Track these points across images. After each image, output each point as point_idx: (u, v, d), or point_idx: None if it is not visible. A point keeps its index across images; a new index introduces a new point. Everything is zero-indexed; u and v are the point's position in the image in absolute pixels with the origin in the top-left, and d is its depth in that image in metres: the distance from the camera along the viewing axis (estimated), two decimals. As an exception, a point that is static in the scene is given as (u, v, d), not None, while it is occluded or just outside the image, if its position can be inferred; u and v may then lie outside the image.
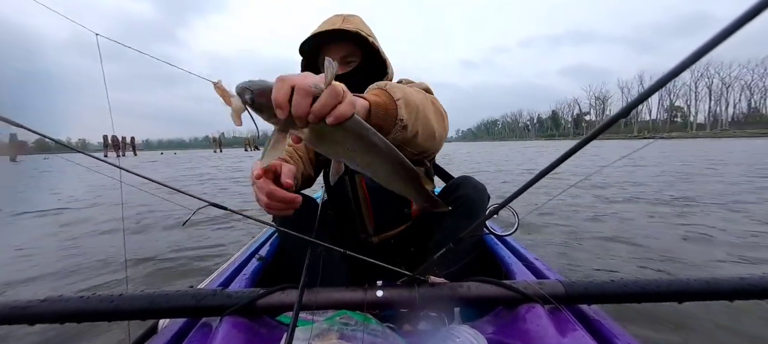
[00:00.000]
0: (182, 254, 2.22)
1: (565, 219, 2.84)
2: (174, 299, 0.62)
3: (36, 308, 0.58)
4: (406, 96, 0.62)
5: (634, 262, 1.88)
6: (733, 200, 3.38)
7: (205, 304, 0.63)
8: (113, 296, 0.61)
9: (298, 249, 0.87)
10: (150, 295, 0.62)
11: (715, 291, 0.64)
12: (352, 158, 0.47)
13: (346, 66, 0.99)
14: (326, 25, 0.97)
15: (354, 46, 0.99)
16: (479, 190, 0.94)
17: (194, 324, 0.67)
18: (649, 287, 0.65)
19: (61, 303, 0.59)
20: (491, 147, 28.97)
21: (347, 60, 1.00)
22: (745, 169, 6.07)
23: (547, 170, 0.47)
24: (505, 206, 0.61)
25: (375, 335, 0.58)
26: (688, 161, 7.93)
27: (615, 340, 0.59)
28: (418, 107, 0.65)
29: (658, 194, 3.85)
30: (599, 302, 0.66)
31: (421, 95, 0.70)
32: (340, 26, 0.94)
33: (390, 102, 0.59)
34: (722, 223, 2.56)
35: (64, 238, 2.71)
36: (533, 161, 10.38)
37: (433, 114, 0.72)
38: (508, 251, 1.07)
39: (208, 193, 5.06)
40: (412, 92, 0.66)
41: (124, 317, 0.61)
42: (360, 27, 0.97)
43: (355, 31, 0.94)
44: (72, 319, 0.59)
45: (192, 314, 0.65)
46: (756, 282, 0.64)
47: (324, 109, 0.41)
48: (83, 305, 0.59)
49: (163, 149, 78.02)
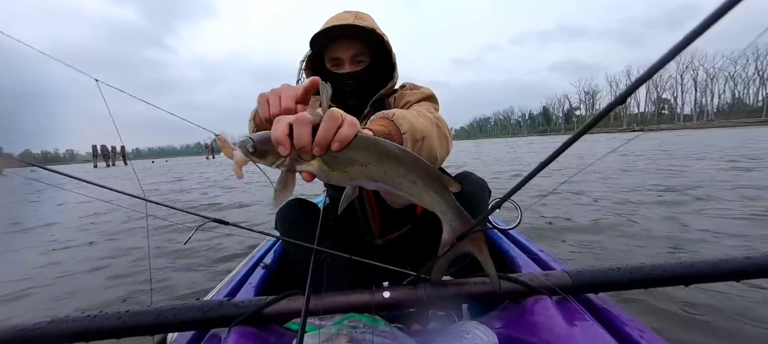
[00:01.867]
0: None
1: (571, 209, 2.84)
2: (181, 312, 0.62)
3: (44, 330, 0.58)
4: (412, 128, 0.61)
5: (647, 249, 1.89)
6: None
7: (212, 316, 0.62)
8: (120, 312, 0.61)
9: (302, 256, 0.87)
10: (157, 309, 0.62)
11: (721, 272, 0.64)
12: (368, 173, 0.44)
13: (355, 65, 0.97)
14: (338, 20, 0.93)
15: (365, 46, 0.96)
16: (480, 185, 0.94)
17: (203, 337, 0.67)
18: (655, 272, 0.65)
19: (68, 323, 0.59)
20: (482, 145, 28.78)
21: (357, 59, 0.96)
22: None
23: (546, 162, 0.47)
24: (507, 200, 0.61)
25: (384, 336, 0.58)
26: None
27: (624, 327, 0.59)
28: (425, 138, 0.64)
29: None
30: (606, 290, 0.66)
31: (427, 124, 0.68)
32: (354, 22, 0.91)
33: (396, 135, 0.58)
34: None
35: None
36: (520, 160, 10.10)
37: (438, 140, 0.71)
38: (512, 244, 1.07)
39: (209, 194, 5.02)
40: (418, 122, 0.65)
41: (132, 333, 0.61)
42: (375, 26, 0.94)
43: (371, 29, 0.91)
44: (80, 338, 0.59)
45: (200, 326, 0.65)
46: (761, 260, 0.64)
47: (327, 135, 0.40)
48: (90, 323, 0.59)
49: (153, 157, 77.69)
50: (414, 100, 0.95)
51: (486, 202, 0.93)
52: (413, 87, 1.01)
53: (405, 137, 0.59)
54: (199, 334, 0.68)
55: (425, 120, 0.69)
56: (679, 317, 1.16)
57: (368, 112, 0.99)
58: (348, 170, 0.43)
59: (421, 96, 0.95)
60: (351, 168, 0.43)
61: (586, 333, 0.55)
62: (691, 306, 1.20)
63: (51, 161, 21.60)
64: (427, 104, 0.94)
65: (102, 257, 2.62)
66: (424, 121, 0.68)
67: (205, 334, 0.68)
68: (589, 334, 0.55)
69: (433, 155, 0.68)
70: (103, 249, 2.89)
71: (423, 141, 0.64)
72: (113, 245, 2.97)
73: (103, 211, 4.58)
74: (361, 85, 0.96)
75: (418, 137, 0.62)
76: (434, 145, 0.69)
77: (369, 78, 0.97)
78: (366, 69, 0.96)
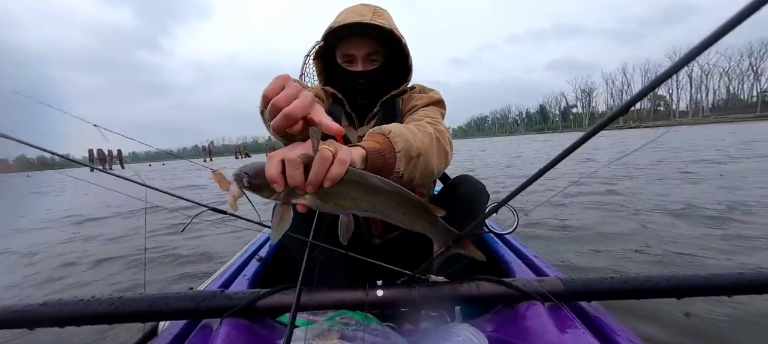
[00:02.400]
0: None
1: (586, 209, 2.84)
2: (174, 301, 0.62)
3: (35, 312, 0.58)
4: (407, 146, 0.62)
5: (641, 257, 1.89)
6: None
7: (205, 306, 0.62)
8: (113, 298, 0.61)
9: (298, 250, 0.87)
10: (150, 297, 0.62)
11: (713, 286, 0.64)
12: (358, 206, 0.47)
13: (369, 64, 0.93)
14: (356, 15, 0.87)
15: (380, 44, 0.92)
16: (479, 189, 0.94)
17: (195, 326, 0.67)
18: (648, 283, 0.65)
19: (60, 306, 0.59)
20: (483, 144, 28.54)
21: (371, 58, 0.93)
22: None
23: (545, 169, 0.47)
24: (505, 205, 0.61)
25: (376, 335, 0.58)
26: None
27: (615, 336, 0.59)
28: (421, 155, 0.65)
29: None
30: (599, 298, 0.66)
31: (426, 139, 0.69)
32: (371, 20, 0.85)
33: (389, 152, 0.60)
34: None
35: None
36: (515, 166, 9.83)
37: (436, 155, 0.72)
38: (507, 249, 1.07)
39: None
40: (416, 140, 0.65)
41: (124, 319, 0.61)
42: (393, 25, 0.89)
43: (389, 29, 0.86)
44: (71, 323, 0.59)
45: (192, 316, 0.65)
46: (753, 277, 0.64)
47: (318, 177, 0.43)
48: (83, 308, 0.59)
49: (150, 160, 77.55)
50: (421, 104, 0.93)
51: (484, 205, 0.93)
52: (422, 90, 1.00)
53: (399, 155, 0.60)
54: (191, 324, 0.68)
55: (424, 136, 0.69)
56: (673, 327, 1.16)
57: (377, 111, 0.98)
58: (339, 203, 0.46)
59: (429, 101, 0.94)
60: (342, 201, 0.46)
61: (576, 340, 0.56)
62: (685, 315, 1.21)
63: (47, 165, 21.19)
64: (434, 109, 0.93)
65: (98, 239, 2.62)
66: (423, 136, 0.68)
67: (197, 324, 0.68)
68: (580, 342, 0.55)
69: (429, 169, 0.69)
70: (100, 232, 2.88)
71: (418, 158, 0.65)
72: (106, 232, 2.97)
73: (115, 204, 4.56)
74: (373, 84, 0.94)
75: (414, 155, 0.63)
76: (431, 161, 0.69)
77: (382, 78, 0.94)
78: (379, 68, 0.94)
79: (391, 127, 0.64)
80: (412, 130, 0.67)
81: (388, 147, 0.60)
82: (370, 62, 0.93)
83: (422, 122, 0.77)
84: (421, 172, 0.67)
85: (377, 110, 0.97)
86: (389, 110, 0.98)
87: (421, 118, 0.84)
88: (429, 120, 0.82)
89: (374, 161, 0.57)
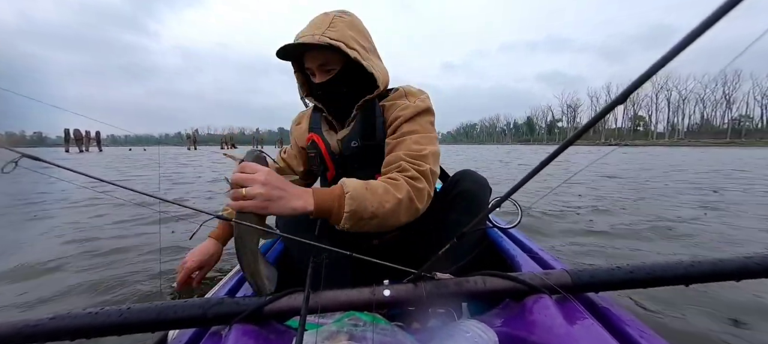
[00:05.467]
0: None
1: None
2: (182, 309, 0.62)
3: (46, 326, 0.58)
4: (359, 209, 0.70)
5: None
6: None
7: (213, 313, 0.63)
8: (122, 309, 0.61)
9: (302, 254, 0.87)
10: (158, 307, 0.62)
11: (721, 272, 0.64)
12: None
13: (325, 74, 0.93)
14: (309, 29, 0.89)
15: (334, 53, 0.89)
16: (481, 184, 0.94)
17: (203, 334, 0.67)
18: (655, 272, 0.65)
19: (69, 319, 0.59)
20: (478, 151, 28.28)
21: (327, 68, 0.92)
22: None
23: (546, 161, 0.48)
24: (508, 199, 0.61)
25: (385, 334, 0.58)
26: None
27: (624, 326, 0.59)
28: (375, 218, 0.72)
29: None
30: (607, 289, 0.66)
31: (390, 203, 0.74)
32: (321, 37, 0.85)
33: (337, 209, 0.69)
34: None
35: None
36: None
37: (403, 213, 0.77)
38: (512, 243, 1.07)
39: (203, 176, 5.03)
40: (375, 203, 0.72)
41: (133, 330, 0.61)
42: (343, 37, 0.87)
43: (331, 45, 0.85)
44: (82, 335, 0.59)
45: (201, 323, 0.65)
46: (761, 260, 0.64)
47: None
48: (92, 320, 0.59)
49: (130, 144, 74.37)
50: (406, 116, 0.90)
51: (486, 200, 0.93)
52: (408, 93, 0.97)
53: (346, 215, 0.70)
54: (200, 332, 0.68)
55: (390, 199, 0.74)
56: (679, 314, 1.16)
57: (355, 115, 0.98)
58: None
59: (415, 112, 0.91)
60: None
61: (586, 332, 0.55)
62: (692, 302, 1.21)
63: (18, 143, 20.72)
64: (422, 124, 0.92)
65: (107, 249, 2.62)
66: (387, 200, 0.73)
67: (206, 332, 0.68)
68: (589, 333, 0.55)
69: (387, 225, 0.76)
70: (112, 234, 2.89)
71: (371, 219, 0.71)
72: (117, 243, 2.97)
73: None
74: (332, 93, 0.96)
75: (365, 216, 0.71)
76: (389, 221, 0.75)
77: (343, 84, 0.94)
78: (333, 78, 0.93)
79: (354, 184, 0.71)
80: (377, 192, 0.73)
81: (337, 208, 0.69)
82: (325, 73, 0.93)
83: (400, 180, 0.78)
84: (376, 227, 0.74)
85: (355, 113, 0.98)
86: (368, 113, 0.97)
87: (406, 158, 0.83)
88: (414, 164, 0.82)
89: (319, 213, 0.69)
